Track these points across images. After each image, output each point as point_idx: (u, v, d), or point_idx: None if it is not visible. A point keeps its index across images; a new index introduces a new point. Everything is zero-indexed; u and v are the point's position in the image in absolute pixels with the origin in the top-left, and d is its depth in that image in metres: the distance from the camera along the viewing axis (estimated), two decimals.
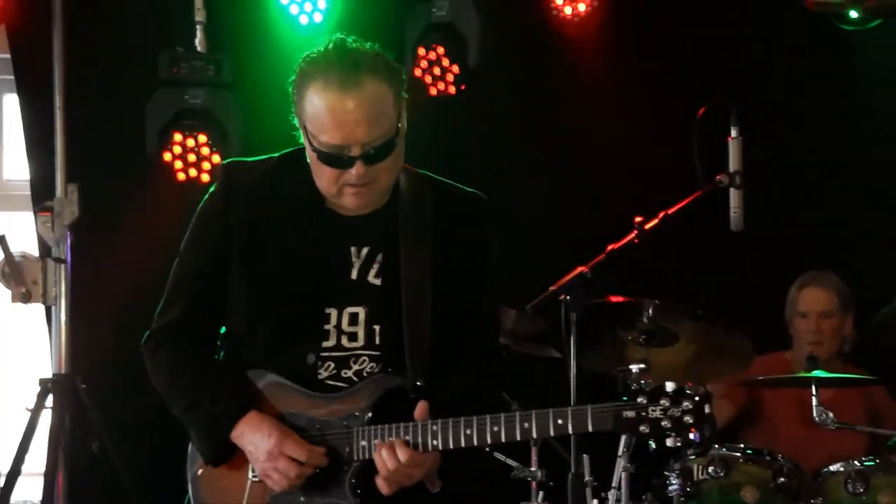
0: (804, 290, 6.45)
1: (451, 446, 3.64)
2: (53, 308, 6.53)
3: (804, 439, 6.07)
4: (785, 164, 6.62)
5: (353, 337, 3.79)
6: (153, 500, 5.87)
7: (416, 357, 3.77)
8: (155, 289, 3.96)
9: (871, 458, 5.74)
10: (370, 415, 3.72)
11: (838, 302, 6.40)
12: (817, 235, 7.04)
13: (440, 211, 3.88)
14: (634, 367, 5.34)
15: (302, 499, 3.76)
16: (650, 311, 5.41)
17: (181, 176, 6.82)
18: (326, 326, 3.77)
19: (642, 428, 3.55)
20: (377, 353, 3.78)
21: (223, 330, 3.96)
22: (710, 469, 5.62)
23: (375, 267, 3.82)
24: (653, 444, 3.59)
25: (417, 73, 6.99)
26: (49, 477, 6.18)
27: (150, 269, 4.22)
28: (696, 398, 3.54)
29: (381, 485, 3.65)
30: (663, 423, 3.53)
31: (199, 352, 3.89)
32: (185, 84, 6.80)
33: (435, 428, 3.64)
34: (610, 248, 5.23)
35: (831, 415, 5.69)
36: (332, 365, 3.76)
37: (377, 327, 3.79)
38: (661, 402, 3.55)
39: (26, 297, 6.46)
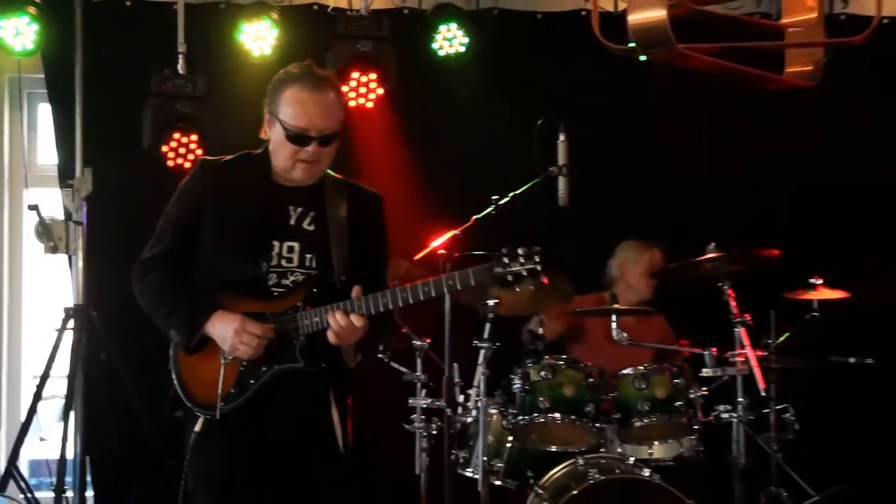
0: (654, 250, 6.59)
1: (373, 311, 3.82)
2: (73, 257, 6.68)
3: (609, 353, 6.12)
4: (598, 159, 6.67)
5: (289, 260, 3.98)
6: (146, 394, 6.00)
7: (341, 269, 3.99)
8: (146, 243, 4.17)
9: (651, 364, 5.88)
10: (311, 301, 3.91)
11: (660, 264, 6.55)
12: (623, 212, 7.17)
13: (352, 200, 4.11)
14: (490, 302, 5.51)
15: (263, 368, 3.92)
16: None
17: (171, 163, 6.85)
18: (272, 253, 3.96)
19: (509, 278, 3.75)
20: (307, 271, 3.99)
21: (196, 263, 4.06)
22: (542, 373, 5.66)
23: (308, 218, 4.04)
24: (517, 289, 3.80)
25: (344, 88, 6.89)
26: (71, 378, 6.32)
27: (143, 230, 4.31)
28: (541, 255, 3.76)
29: (332, 336, 3.85)
30: (523, 273, 3.74)
31: (177, 275, 4.05)
32: (171, 97, 6.82)
33: (360, 302, 3.83)
34: (474, 218, 5.34)
35: (625, 335, 5.84)
36: (275, 276, 3.95)
37: (309, 256, 4.00)
38: (519, 259, 3.75)
39: (54, 249, 6.59)
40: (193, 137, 6.80)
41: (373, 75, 6.97)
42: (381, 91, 7.02)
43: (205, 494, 3.92)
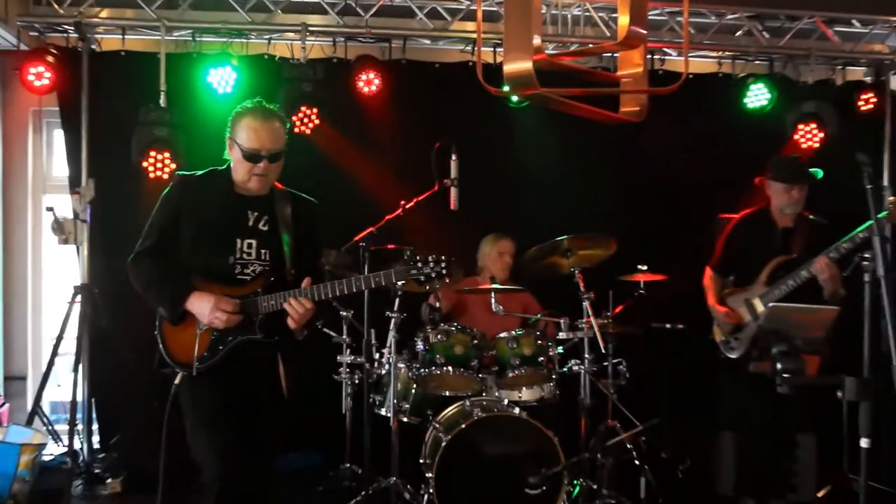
0: (502, 241, 6.49)
1: (316, 299, 3.82)
2: (80, 247, 6.66)
3: (489, 321, 6.11)
4: (480, 174, 6.57)
5: (249, 254, 3.94)
6: (136, 352, 5.91)
7: (290, 260, 3.96)
8: (135, 237, 4.09)
9: (520, 329, 5.89)
10: (268, 288, 3.89)
11: (514, 249, 6.49)
12: (493, 213, 7.09)
13: (294, 205, 4.07)
14: (399, 283, 5.35)
15: (230, 337, 3.90)
16: (408, 252, 5.41)
17: (152, 175, 6.76)
18: (236, 248, 3.93)
19: (421, 278, 3.82)
20: (263, 262, 3.96)
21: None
22: (439, 336, 5.68)
23: (262, 221, 4.00)
24: (427, 287, 3.86)
25: (294, 119, 6.87)
26: (79, 340, 6.38)
27: (133, 226, 4.28)
28: (445, 261, 3.85)
29: (291, 322, 3.84)
30: (432, 275, 3.81)
31: (164, 264, 3.98)
32: (154, 124, 6.75)
33: (307, 291, 3.83)
34: (387, 217, 5.35)
35: (501, 308, 5.85)
36: (239, 266, 3.92)
37: (264, 251, 3.97)
38: (429, 264, 3.82)
39: (66, 241, 6.58)
40: (167, 155, 6.75)
41: (315, 109, 6.96)
42: (317, 121, 6.98)
43: (199, 428, 3.85)
